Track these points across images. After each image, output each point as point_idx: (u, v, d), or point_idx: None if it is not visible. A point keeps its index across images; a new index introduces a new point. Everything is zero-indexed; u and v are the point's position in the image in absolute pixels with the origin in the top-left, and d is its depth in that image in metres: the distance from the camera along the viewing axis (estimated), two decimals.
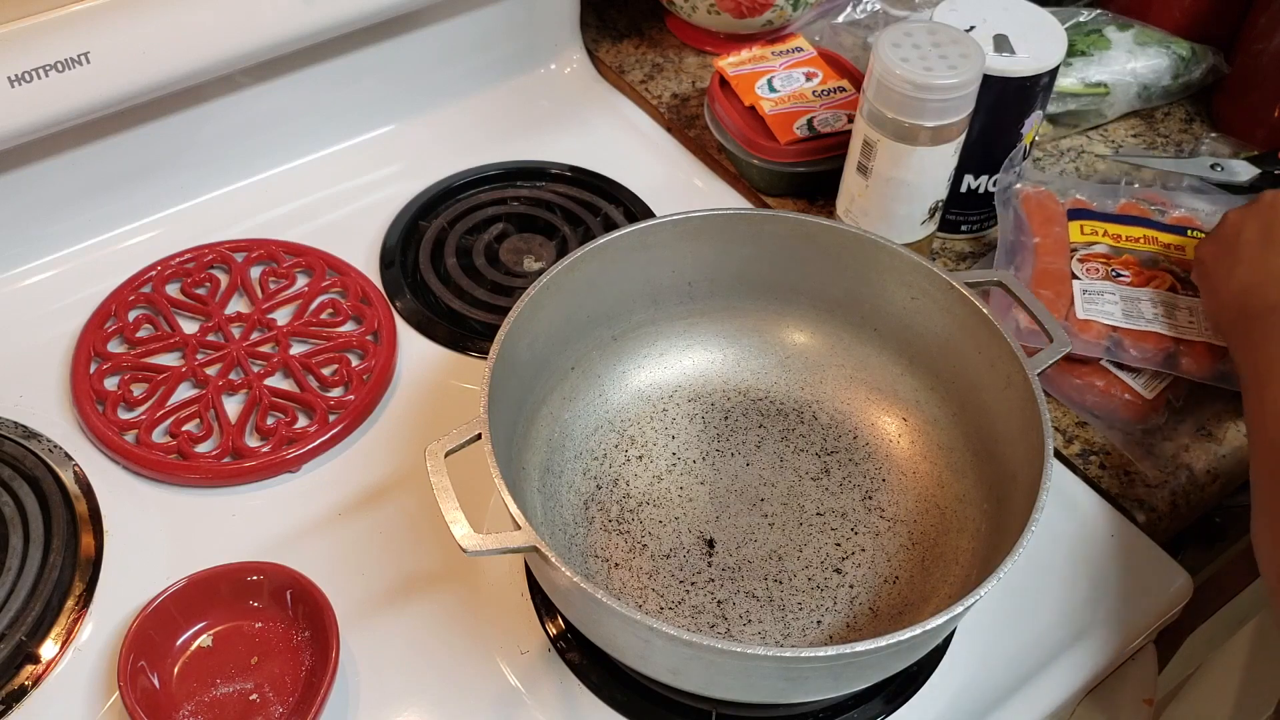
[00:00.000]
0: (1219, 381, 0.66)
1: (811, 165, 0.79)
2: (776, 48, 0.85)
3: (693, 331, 0.67)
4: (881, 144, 0.69)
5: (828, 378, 0.66)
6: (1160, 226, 0.72)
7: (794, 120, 0.79)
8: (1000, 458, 0.58)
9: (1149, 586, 0.62)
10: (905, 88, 0.66)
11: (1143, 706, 0.63)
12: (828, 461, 0.64)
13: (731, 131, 0.80)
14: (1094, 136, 0.87)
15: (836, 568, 0.59)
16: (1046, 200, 0.73)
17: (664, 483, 0.63)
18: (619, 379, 0.66)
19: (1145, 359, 0.66)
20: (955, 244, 0.79)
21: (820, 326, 0.67)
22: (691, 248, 0.65)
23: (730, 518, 0.61)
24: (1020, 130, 0.73)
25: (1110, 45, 0.85)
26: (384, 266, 0.75)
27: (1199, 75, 0.88)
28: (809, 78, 0.82)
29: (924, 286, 0.61)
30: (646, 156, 0.85)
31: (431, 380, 0.69)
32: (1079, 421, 0.68)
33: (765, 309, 0.67)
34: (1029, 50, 0.71)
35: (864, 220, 0.73)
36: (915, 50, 0.66)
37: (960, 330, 0.60)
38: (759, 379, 0.67)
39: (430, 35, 0.82)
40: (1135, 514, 0.65)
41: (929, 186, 0.70)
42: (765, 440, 0.65)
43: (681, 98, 0.89)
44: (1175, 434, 0.67)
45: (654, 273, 0.65)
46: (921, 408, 0.64)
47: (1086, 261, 0.70)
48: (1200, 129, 0.89)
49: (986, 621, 0.60)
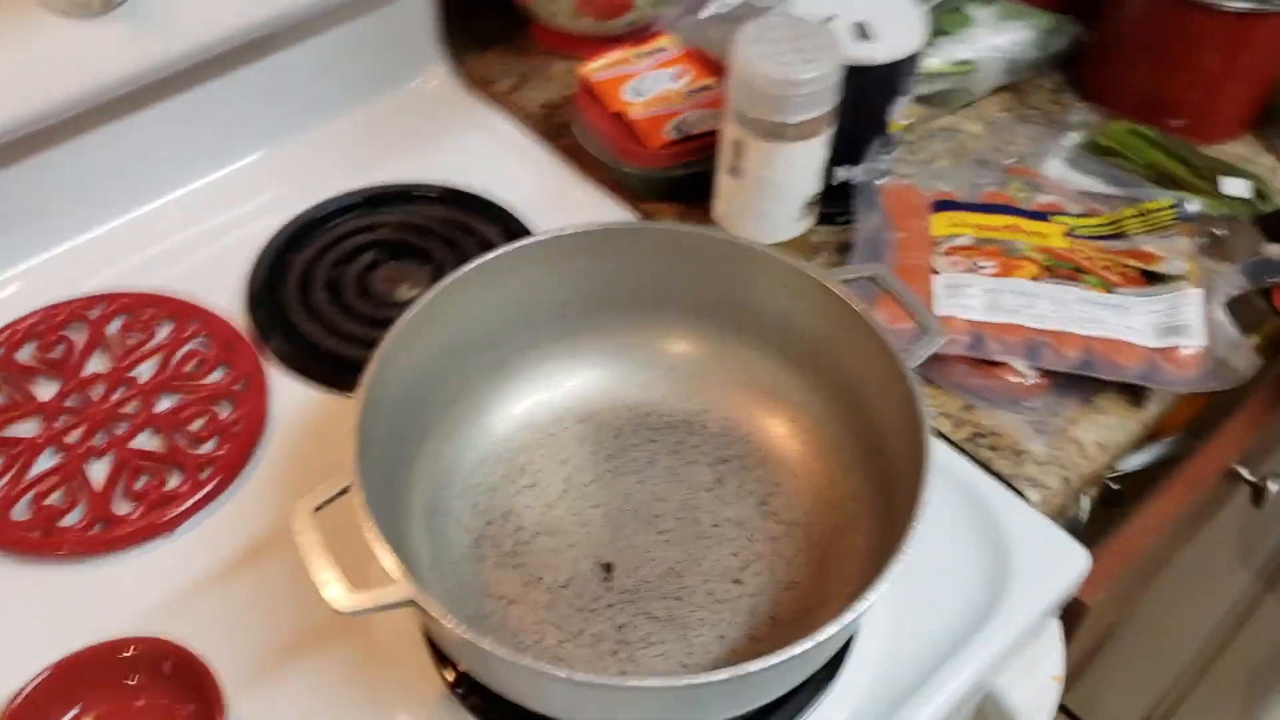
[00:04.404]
0: (1082, 370, 0.66)
1: (687, 167, 0.78)
2: (642, 49, 0.84)
3: (575, 351, 0.66)
4: (749, 143, 0.68)
5: (714, 386, 0.65)
6: (1025, 214, 0.72)
7: (663, 123, 0.78)
8: (888, 452, 0.58)
9: (1047, 564, 0.62)
10: (766, 85, 0.65)
11: (1052, 683, 0.63)
12: (721, 471, 0.63)
13: (601, 140, 0.79)
14: (965, 114, 0.88)
15: (736, 578, 0.59)
16: (908, 194, 0.73)
17: (557, 510, 0.61)
18: (503, 407, 0.64)
19: (1007, 351, 0.66)
20: (836, 236, 0.78)
21: (702, 334, 0.65)
22: (565, 266, 0.63)
23: (627, 539, 0.60)
24: (887, 117, 0.73)
25: (973, 22, 0.85)
26: (252, 308, 0.72)
27: (1063, 46, 0.89)
28: (677, 77, 0.81)
29: (798, 287, 0.60)
30: (520, 170, 0.83)
31: (310, 424, 0.67)
32: (967, 405, 0.68)
33: (646, 321, 0.66)
34: (889, 37, 0.70)
35: (740, 221, 0.72)
36: (773, 46, 0.65)
37: (838, 328, 0.60)
38: (646, 393, 0.66)
39: (285, 60, 0.79)
40: (1028, 493, 0.65)
41: (800, 182, 0.70)
42: (657, 455, 0.64)
43: (551, 105, 0.88)
44: (1061, 409, 0.68)
45: (530, 294, 0.63)
46: (809, 408, 0.63)
47: (950, 255, 0.69)
48: (1069, 98, 0.90)
49: (891, 614, 0.59)
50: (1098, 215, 0.72)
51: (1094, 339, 0.66)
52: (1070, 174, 0.81)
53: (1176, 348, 0.66)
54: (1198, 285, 0.68)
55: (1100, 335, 0.66)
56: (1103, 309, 0.67)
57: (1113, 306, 0.67)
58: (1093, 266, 0.69)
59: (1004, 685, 0.63)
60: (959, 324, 0.67)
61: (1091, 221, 0.72)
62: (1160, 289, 0.68)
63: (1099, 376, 0.66)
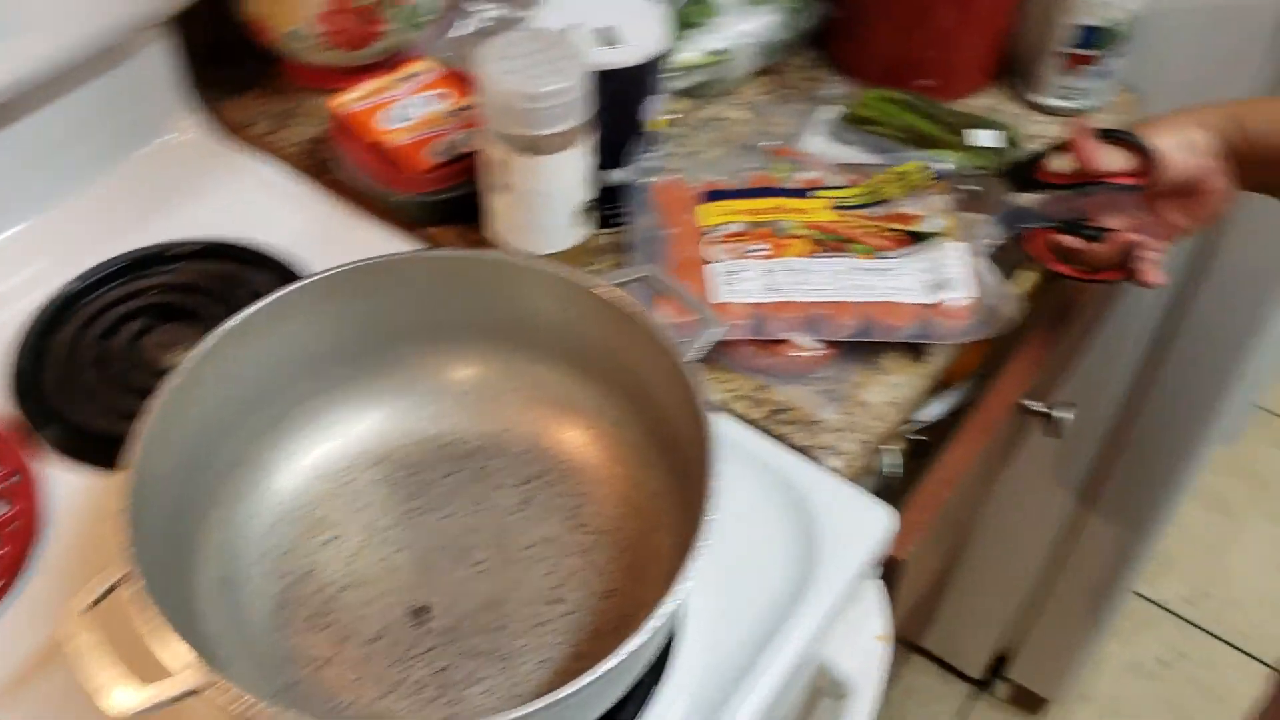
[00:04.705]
0: (861, 336, 0.68)
1: (459, 188, 0.77)
2: (400, 74, 0.82)
3: (360, 393, 0.64)
4: (510, 159, 0.67)
5: (509, 405, 0.65)
6: (789, 193, 0.74)
7: (426, 147, 0.77)
8: (682, 447, 0.58)
9: (854, 528, 0.64)
10: (515, 100, 0.64)
11: (878, 644, 0.65)
12: (527, 490, 0.62)
13: (363, 171, 0.77)
14: (729, 102, 0.89)
15: (554, 598, 0.58)
16: (677, 188, 0.74)
17: (362, 560, 0.59)
18: (291, 462, 0.62)
19: (789, 328, 0.67)
20: (619, 238, 0.79)
21: (489, 356, 0.65)
22: (335, 307, 0.61)
23: (440, 577, 0.59)
24: (644, 117, 0.73)
25: (719, 11, 0.87)
26: (19, 395, 0.68)
27: (812, 23, 0.91)
28: (440, 99, 0.80)
29: (571, 296, 0.60)
30: (290, 213, 0.81)
31: (95, 512, 0.63)
32: (760, 385, 0.70)
33: (430, 351, 0.65)
34: (635, 39, 0.71)
35: (516, 237, 0.71)
36: (518, 61, 0.65)
37: (617, 332, 0.60)
38: (441, 423, 0.65)
39: (29, 128, 0.75)
40: (828, 461, 0.67)
41: (568, 192, 0.69)
42: (460, 485, 0.63)
43: (314, 142, 0.85)
44: (848, 375, 0.70)
45: (304, 341, 0.61)
46: (604, 413, 0.63)
47: (723, 243, 0.71)
48: (824, 73, 0.92)
49: (710, 603, 0.60)
50: (858, 185, 0.74)
51: (868, 304, 0.68)
52: (832, 147, 0.83)
53: (945, 301, 0.68)
54: (958, 239, 0.70)
55: (873, 300, 0.68)
56: (872, 274, 0.69)
57: (881, 270, 0.70)
58: (858, 235, 0.71)
59: (832, 654, 0.65)
60: (739, 309, 0.68)
61: (853, 191, 0.74)
62: (923, 247, 0.71)
63: (877, 340, 0.68)
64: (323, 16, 0.81)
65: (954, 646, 1.56)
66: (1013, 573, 1.40)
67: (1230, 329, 1.02)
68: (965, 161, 0.80)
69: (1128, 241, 0.67)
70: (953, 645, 1.56)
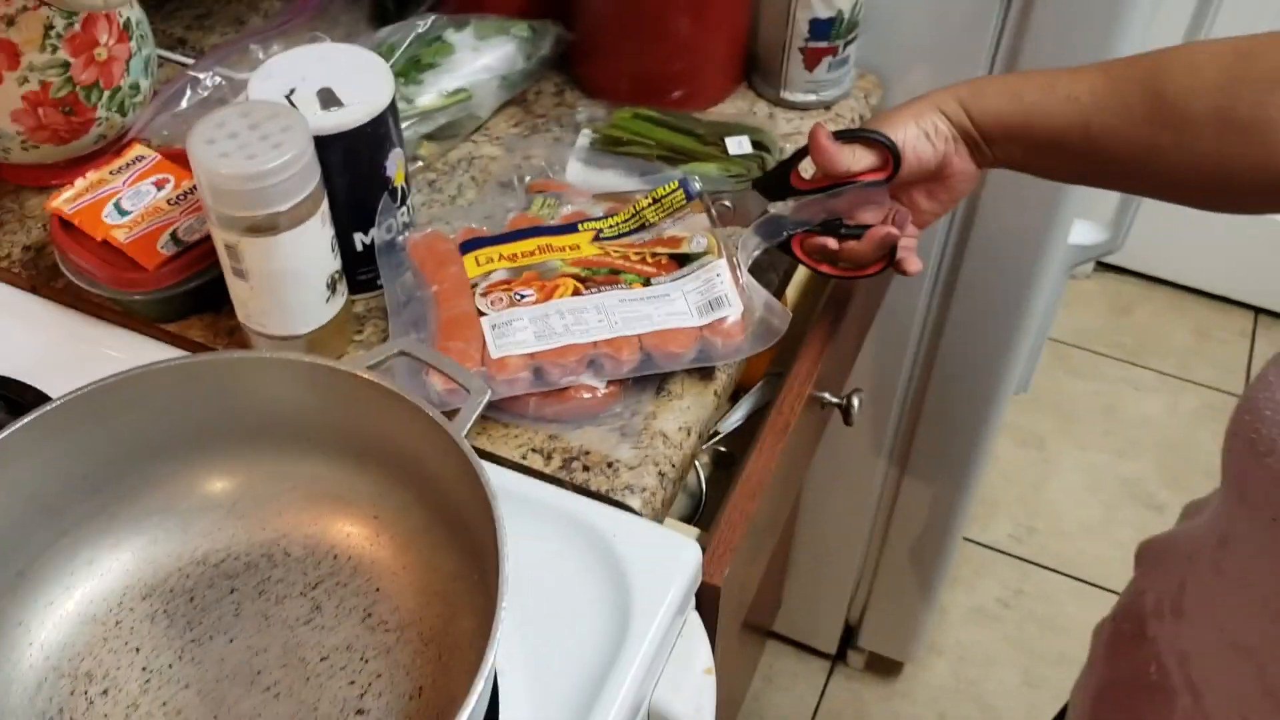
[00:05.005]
0: (643, 370, 0.67)
1: (198, 276, 0.72)
2: (115, 164, 0.76)
3: (116, 523, 0.59)
4: (242, 244, 0.63)
5: (281, 508, 0.60)
6: (552, 231, 0.72)
7: (156, 239, 0.71)
8: (470, 525, 0.55)
9: (665, 566, 0.62)
10: (236, 183, 0.60)
11: (705, 677, 0.64)
12: (315, 597, 0.58)
13: (94, 275, 0.71)
14: (478, 139, 0.87)
15: (358, 708, 0.54)
16: (435, 241, 0.71)
17: (142, 708, 0.54)
18: (47, 614, 0.56)
19: (569, 373, 0.65)
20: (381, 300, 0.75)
21: (251, 459, 0.60)
22: (70, 439, 0.56)
23: (230, 710, 0.54)
24: (385, 174, 0.70)
25: (454, 49, 0.84)
26: None
27: (550, 49, 0.89)
28: (159, 186, 0.74)
29: (326, 383, 0.57)
30: (16, 331, 0.74)
31: None
32: (551, 435, 0.67)
33: (184, 465, 0.60)
34: (358, 96, 0.67)
35: (265, 320, 0.67)
36: (233, 140, 0.61)
37: (383, 415, 0.56)
38: (212, 539, 0.60)
39: None
40: (629, 501, 0.65)
41: (312, 267, 0.65)
42: (242, 604, 0.58)
43: (37, 247, 0.78)
44: (639, 407, 0.68)
45: (41, 480, 0.56)
46: (385, 500, 0.60)
47: (489, 293, 0.68)
48: (573, 97, 0.91)
49: (528, 673, 0.57)
50: (618, 213, 0.73)
51: (646, 335, 0.67)
52: (590, 174, 0.82)
53: (721, 320, 0.68)
54: (721, 256, 0.70)
55: (651, 330, 0.67)
56: (646, 303, 0.68)
57: (655, 298, 0.68)
58: (626, 265, 0.70)
59: (663, 696, 0.63)
60: (515, 362, 0.65)
61: (615, 220, 0.73)
62: (691, 269, 0.70)
63: (660, 371, 0.67)
64: (17, 114, 0.75)
65: (804, 626, 1.59)
66: (844, 545, 1.43)
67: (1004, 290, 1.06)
68: (723, 171, 0.80)
69: (884, 235, 0.68)
70: (803, 625, 1.59)
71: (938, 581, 1.44)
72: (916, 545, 1.40)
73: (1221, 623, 0.54)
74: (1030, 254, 1.02)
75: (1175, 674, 0.58)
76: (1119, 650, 0.65)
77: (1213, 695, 0.55)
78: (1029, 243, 1.01)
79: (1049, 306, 1.11)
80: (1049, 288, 1.06)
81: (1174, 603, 0.59)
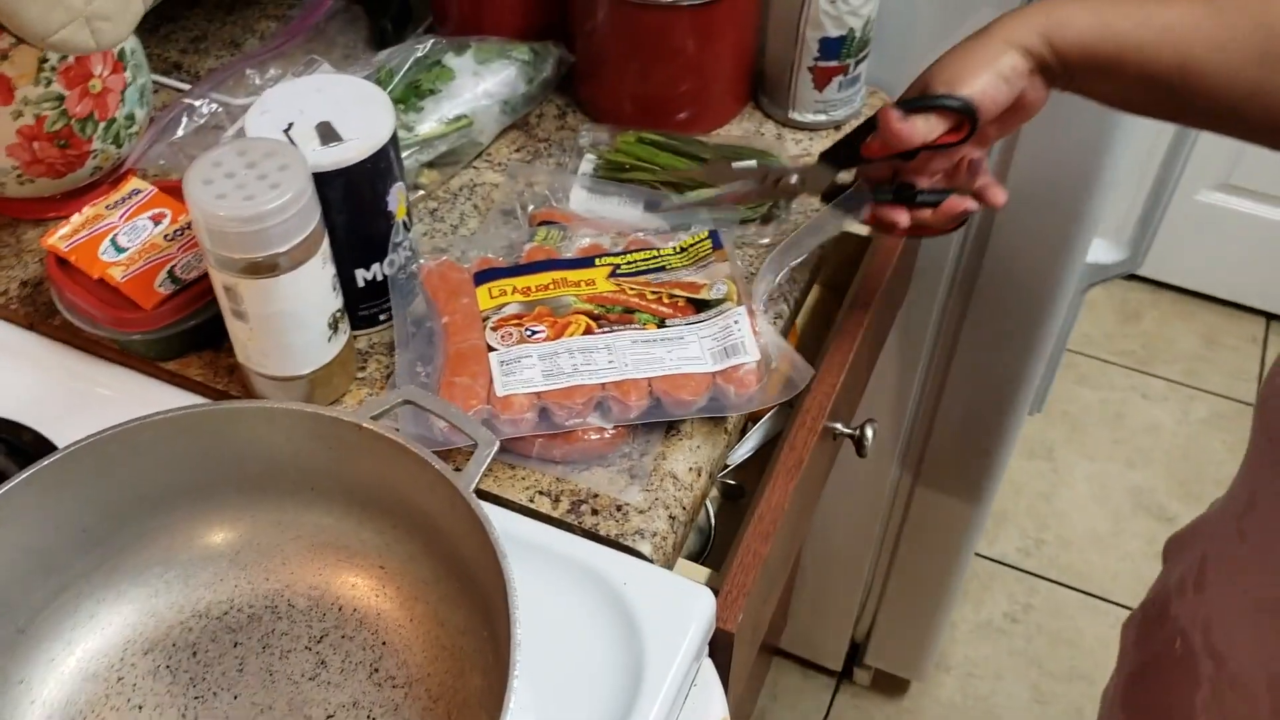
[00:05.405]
0: (652, 416, 0.65)
1: (196, 315, 0.70)
2: (112, 197, 0.74)
3: (117, 576, 0.57)
4: (241, 285, 0.61)
5: (285, 559, 0.59)
6: (567, 264, 0.70)
7: (154, 277, 0.70)
8: (478, 576, 0.54)
9: (678, 615, 0.61)
10: (233, 225, 0.58)
11: None
12: (321, 651, 0.57)
13: (91, 315, 0.70)
14: (479, 165, 0.85)
15: None
16: (448, 271, 0.69)
17: None
18: (49, 671, 0.55)
19: (576, 416, 0.64)
20: (384, 336, 0.73)
21: (253, 509, 0.59)
22: (70, 492, 0.55)
23: None
24: (387, 208, 0.68)
25: (455, 74, 0.83)
26: None
27: (552, 72, 0.88)
28: (156, 220, 0.73)
29: (330, 434, 0.55)
30: (13, 370, 0.72)
31: None
32: (559, 477, 0.66)
33: (189, 514, 0.59)
34: (358, 129, 0.66)
35: (267, 361, 0.65)
36: (230, 180, 0.59)
37: (386, 465, 0.55)
38: (215, 591, 0.59)
39: None
40: (640, 546, 0.63)
41: (314, 307, 0.64)
42: (246, 659, 0.57)
43: (34, 283, 0.77)
44: (648, 448, 0.67)
45: (40, 535, 0.54)
46: (392, 551, 0.58)
47: (500, 328, 0.66)
48: (576, 120, 0.89)
49: None
50: (638, 250, 0.71)
51: (656, 379, 0.65)
52: (594, 201, 0.80)
53: (736, 367, 0.66)
54: (740, 304, 0.68)
55: (662, 374, 0.65)
56: (659, 346, 0.66)
57: (669, 341, 0.67)
58: (643, 303, 0.68)
59: None
60: (521, 401, 0.64)
61: (635, 258, 0.71)
62: (709, 314, 0.68)
63: (669, 419, 0.66)
64: (12, 149, 0.73)
65: (811, 643, 1.57)
66: (851, 563, 1.41)
67: (1020, 310, 1.04)
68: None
69: (961, 211, 0.65)
70: (810, 642, 1.57)
71: (946, 599, 1.42)
72: (926, 563, 1.38)
73: (1245, 585, 0.54)
74: (1048, 274, 1.00)
75: (1199, 644, 0.57)
76: (1145, 636, 0.64)
77: (1236, 659, 0.54)
78: (1046, 262, 0.99)
79: (1066, 326, 1.09)
80: (1066, 308, 1.04)
81: (1196, 578, 0.58)
